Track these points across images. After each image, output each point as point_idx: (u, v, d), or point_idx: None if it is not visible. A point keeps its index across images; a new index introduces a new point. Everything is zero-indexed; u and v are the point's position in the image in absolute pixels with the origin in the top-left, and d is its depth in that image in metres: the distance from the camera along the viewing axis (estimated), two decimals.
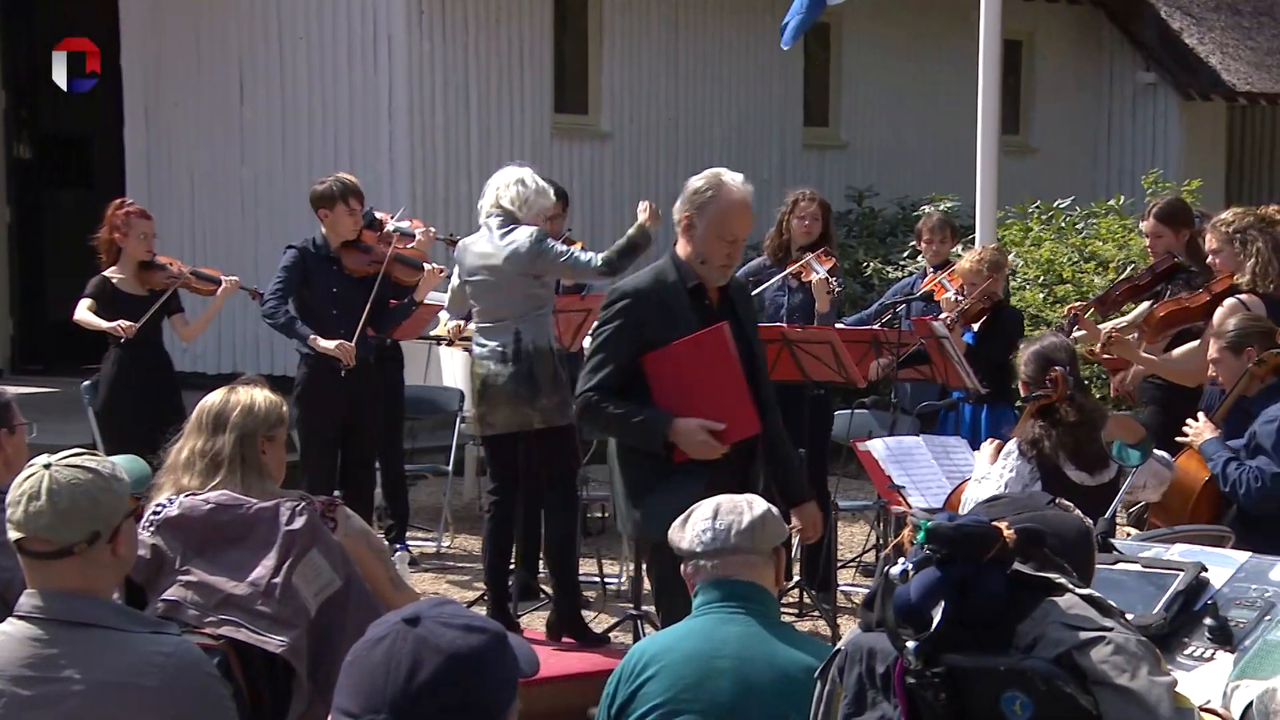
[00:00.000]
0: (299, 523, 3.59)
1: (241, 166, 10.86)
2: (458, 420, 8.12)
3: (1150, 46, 14.51)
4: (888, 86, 13.13)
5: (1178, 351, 5.94)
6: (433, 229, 7.55)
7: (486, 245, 6.15)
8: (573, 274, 6.28)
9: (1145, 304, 6.25)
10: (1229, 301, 5.59)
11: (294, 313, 6.72)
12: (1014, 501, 2.58)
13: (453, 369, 8.45)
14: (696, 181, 4.53)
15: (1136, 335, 5.99)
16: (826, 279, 6.80)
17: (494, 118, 10.93)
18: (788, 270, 6.95)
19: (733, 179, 4.52)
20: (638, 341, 4.30)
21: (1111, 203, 10.72)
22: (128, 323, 6.80)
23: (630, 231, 6.20)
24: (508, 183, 6.14)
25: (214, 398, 3.76)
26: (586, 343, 4.93)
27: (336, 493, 6.73)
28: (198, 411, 3.75)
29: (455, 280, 6.38)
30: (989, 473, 4.71)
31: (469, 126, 10.83)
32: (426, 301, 7.30)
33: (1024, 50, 14.23)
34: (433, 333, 8.06)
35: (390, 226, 7.31)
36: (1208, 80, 14.52)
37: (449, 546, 7.95)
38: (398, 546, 7.40)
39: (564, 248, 6.15)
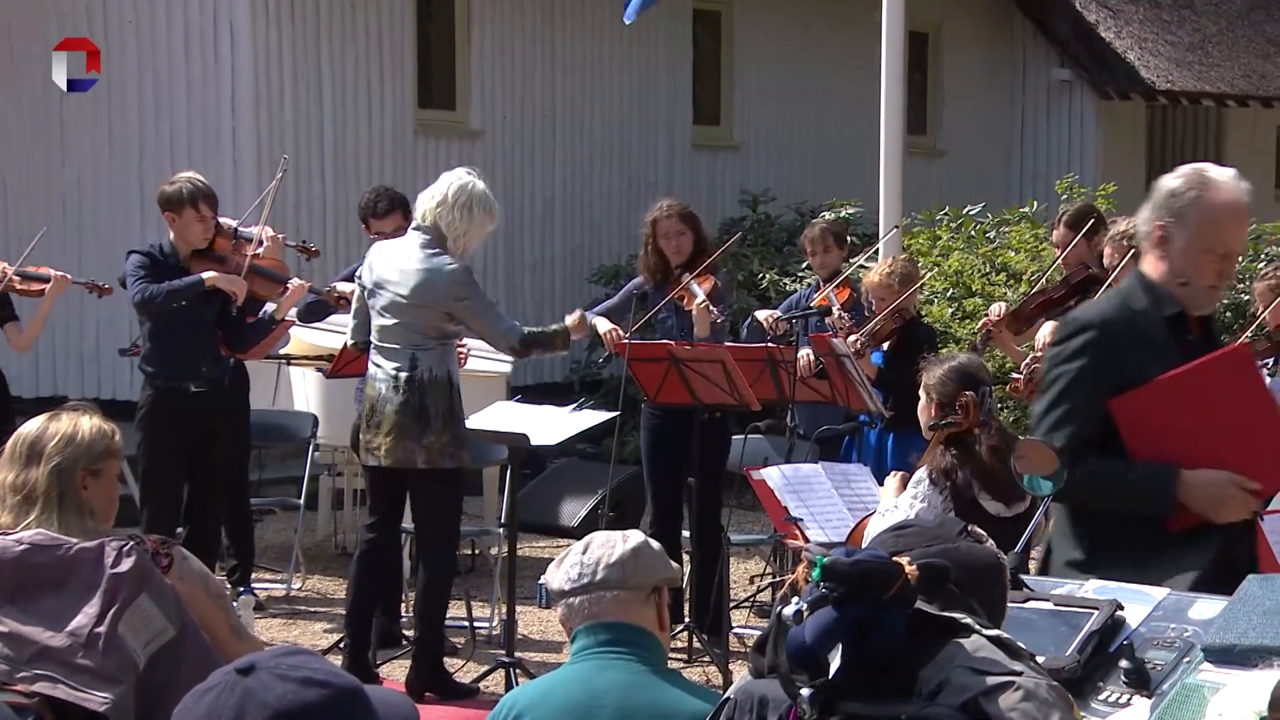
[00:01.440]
0: (126, 564, 3.52)
1: (62, 169, 10.65)
2: (310, 448, 8.03)
3: (1065, 41, 14.85)
4: (784, 81, 13.28)
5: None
6: (282, 234, 7.47)
7: (404, 259, 6.06)
8: (484, 332, 6.17)
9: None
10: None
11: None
12: (923, 531, 2.61)
13: (305, 390, 8.36)
14: (1172, 181, 3.77)
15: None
16: (707, 306, 6.83)
17: (350, 113, 10.85)
18: (669, 296, 6.98)
19: (1221, 175, 3.76)
20: (1111, 382, 3.60)
21: (1024, 209, 10.94)
22: None
23: (555, 328, 6.18)
24: (452, 204, 5.95)
25: (31, 426, 3.68)
26: None
27: (180, 530, 6.63)
28: (12, 441, 3.67)
29: (355, 295, 6.26)
30: (897, 504, 4.76)
31: (322, 122, 10.74)
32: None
33: (931, 44, 14.49)
34: (282, 351, 7.97)
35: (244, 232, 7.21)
36: (1126, 78, 14.90)
37: (300, 589, 7.85)
38: (241, 590, 7.29)
39: (488, 302, 6.09)
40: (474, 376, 8.08)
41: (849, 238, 7.91)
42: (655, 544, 3.12)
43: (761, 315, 7.45)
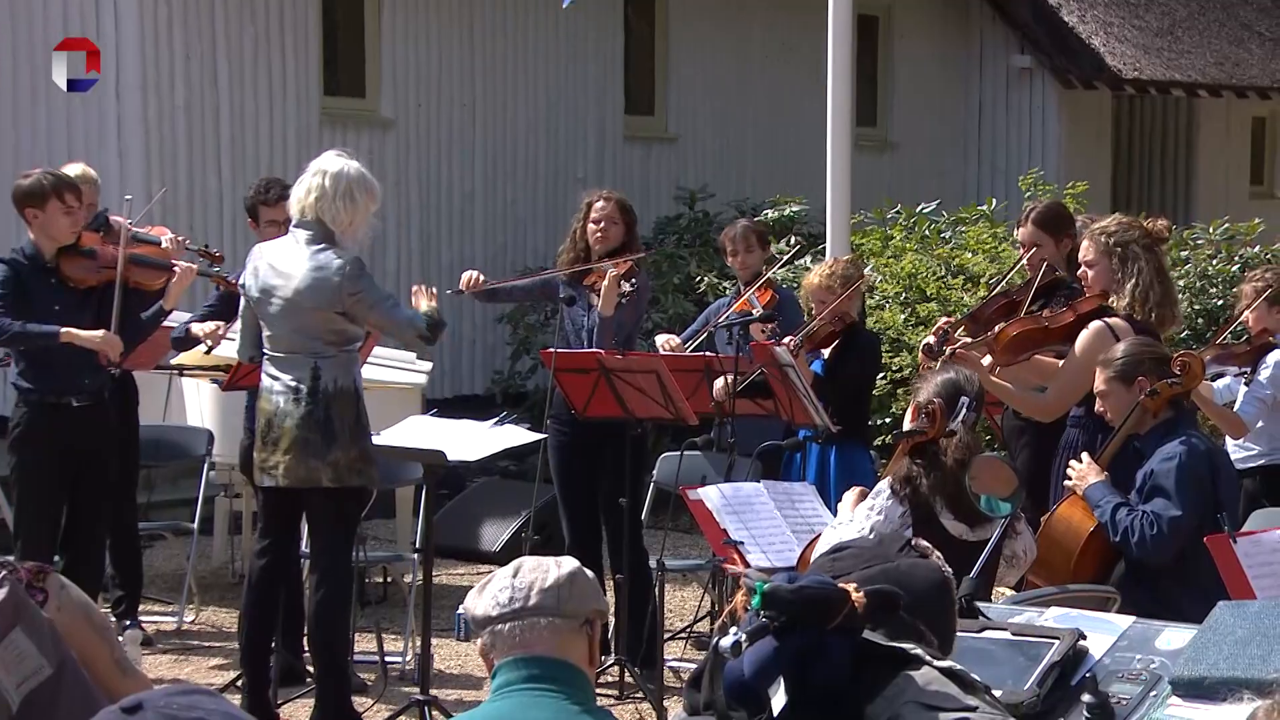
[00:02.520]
0: None
1: None
2: (205, 467, 7.97)
3: (1025, 26, 15.00)
4: (724, 69, 13.34)
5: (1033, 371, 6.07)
6: (183, 236, 7.41)
7: (288, 259, 6.03)
8: (384, 326, 6.17)
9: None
10: (1095, 326, 5.75)
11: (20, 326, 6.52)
12: (860, 552, 2.63)
13: (199, 404, 8.30)
14: None
15: (988, 357, 6.14)
16: (618, 279, 6.84)
17: (249, 99, 10.78)
18: (579, 272, 6.99)
19: None
20: None
21: (983, 207, 11.03)
22: None
23: (433, 309, 6.15)
24: (332, 195, 5.93)
25: None
26: None
27: (58, 558, 6.56)
28: None
29: (241, 307, 6.23)
30: (853, 517, 4.80)
31: (218, 110, 10.67)
32: (168, 324, 7.14)
33: (881, 28, 14.59)
34: (174, 360, 7.90)
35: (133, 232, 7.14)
36: (1090, 65, 15.06)
37: (193, 622, 7.79)
38: (127, 623, 7.23)
39: (385, 293, 6.07)
40: (386, 388, 8.06)
41: (794, 237, 7.99)
42: (590, 572, 3.12)
43: (661, 340, 7.49)
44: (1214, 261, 10.05)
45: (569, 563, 3.11)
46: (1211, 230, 10.44)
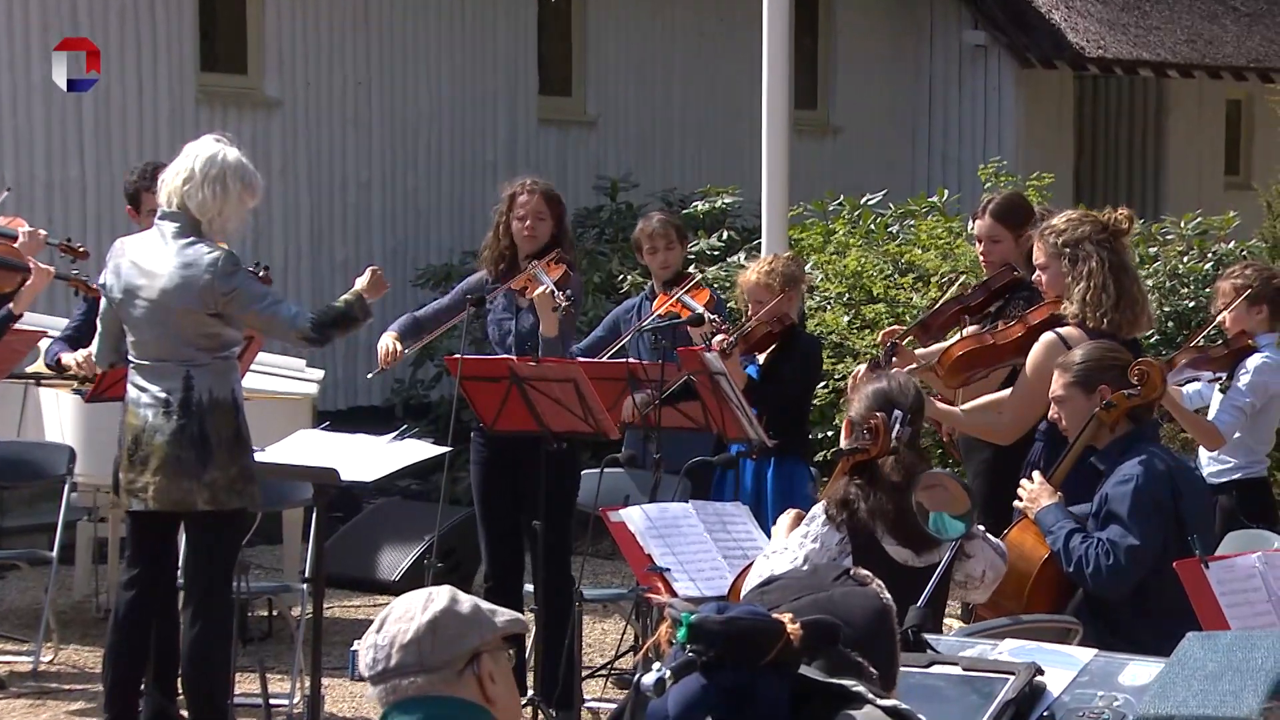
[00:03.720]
0: None
1: None
2: (66, 488, 7.90)
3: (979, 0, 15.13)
4: (650, 45, 13.36)
5: (980, 401, 6.06)
6: (43, 231, 7.34)
7: (153, 256, 5.98)
8: (265, 326, 6.14)
9: (972, 328, 6.48)
10: (1045, 339, 5.77)
11: None
12: (789, 583, 2.64)
13: (58, 417, 8.21)
14: None
15: (935, 378, 6.19)
16: (552, 292, 6.87)
17: (115, 76, 10.69)
18: (508, 285, 6.99)
19: None
20: None
21: (934, 199, 11.12)
22: None
23: (346, 297, 6.13)
24: (201, 180, 5.89)
25: None
26: None
27: None
28: None
29: (101, 309, 6.17)
30: (786, 544, 4.81)
31: None
32: (23, 327, 7.07)
33: (822, 2, 14.67)
34: (30, 369, 7.82)
35: None
36: (1050, 42, 15.20)
37: (51, 662, 7.72)
38: None
39: (262, 289, 6.02)
40: (271, 400, 8.02)
41: (728, 231, 8.01)
42: (464, 602, 3.07)
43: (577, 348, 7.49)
44: (1185, 259, 10.15)
45: (437, 602, 3.05)
46: (1183, 224, 10.54)
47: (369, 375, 7.61)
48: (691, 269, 7.61)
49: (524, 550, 7.09)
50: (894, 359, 6.12)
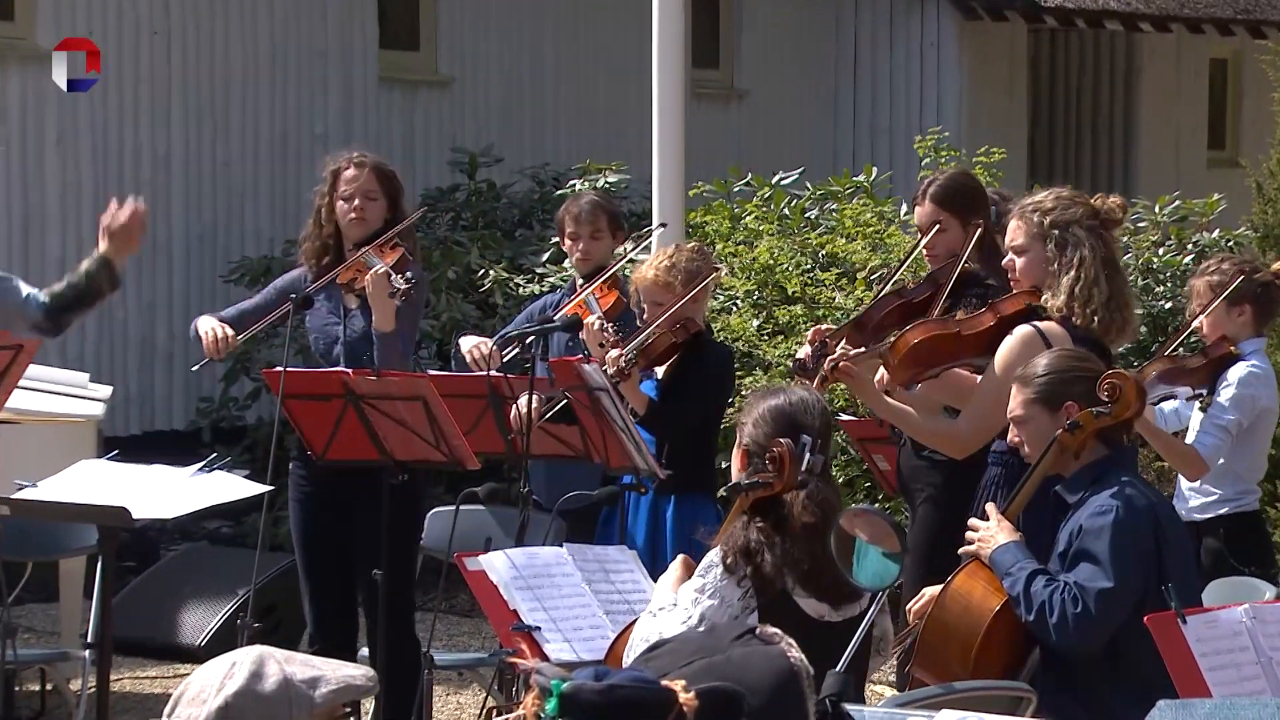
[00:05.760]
0: None
1: None
2: None
3: None
4: None
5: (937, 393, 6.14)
6: None
7: None
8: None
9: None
10: (1022, 331, 5.83)
11: None
12: (681, 645, 2.65)
13: None
14: None
15: (883, 373, 6.20)
16: (387, 274, 6.83)
17: None
18: (331, 275, 6.94)
19: None
20: None
21: (860, 177, 11.19)
22: None
23: (84, 268, 6.08)
24: None
25: None
26: None
27: None
28: None
29: None
30: (676, 600, 4.81)
31: None
32: None
33: None
34: None
35: None
36: None
37: None
38: None
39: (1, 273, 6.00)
40: (47, 422, 7.92)
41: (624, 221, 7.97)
42: (270, 677, 3.04)
43: (468, 344, 7.44)
44: (1160, 251, 10.27)
45: (236, 678, 3.02)
46: (1158, 209, 10.68)
47: (193, 368, 7.50)
48: (613, 263, 7.57)
49: (357, 607, 7.05)
50: (823, 361, 6.12)
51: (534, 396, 6.76)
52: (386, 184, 7.12)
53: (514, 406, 6.97)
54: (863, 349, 6.18)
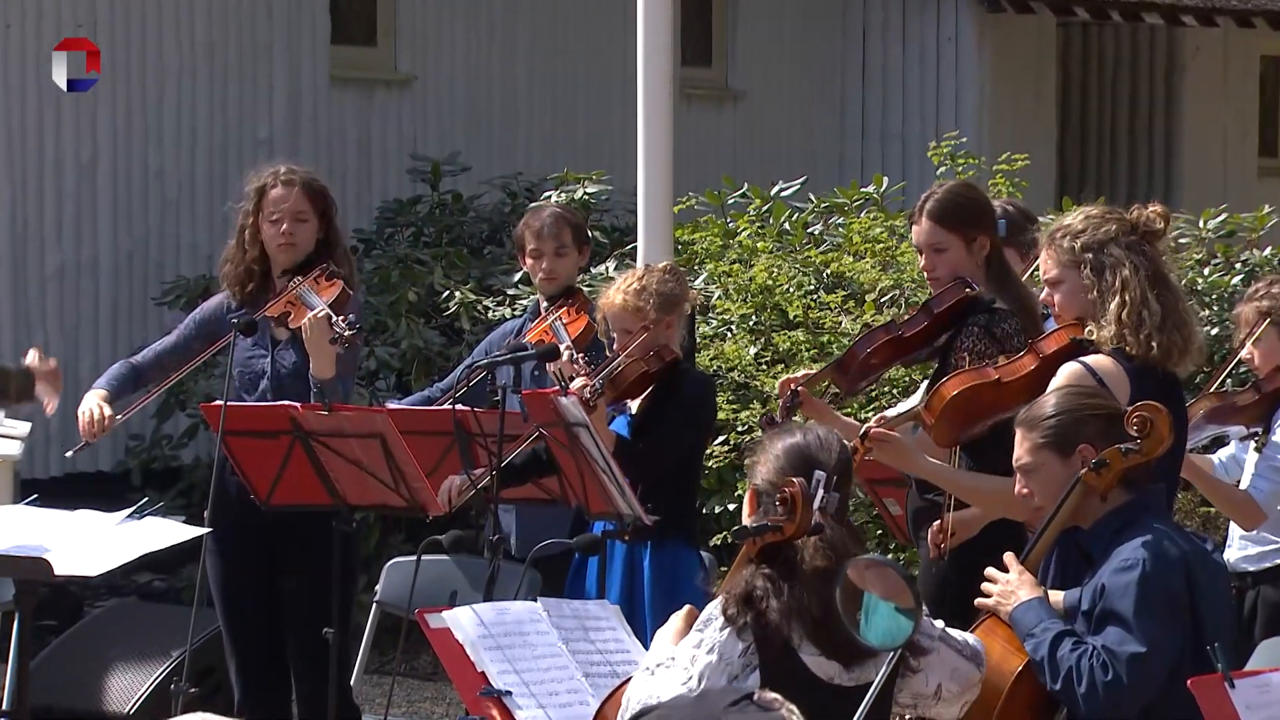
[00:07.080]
0: None
1: None
2: None
3: None
4: None
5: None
6: None
7: None
8: None
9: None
10: (1069, 369, 5.83)
11: None
12: (669, 713, 2.66)
13: None
14: None
15: (916, 428, 6.21)
16: (327, 317, 6.84)
17: None
18: (262, 311, 6.94)
19: None
20: None
21: (870, 188, 11.20)
22: None
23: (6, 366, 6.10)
24: None
25: None
26: None
27: None
28: None
29: None
30: (674, 656, 4.81)
31: None
32: None
33: None
34: None
35: None
36: None
37: None
38: None
39: None
40: None
41: (589, 234, 7.98)
42: None
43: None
44: (1206, 270, 10.28)
45: None
46: (1202, 223, 10.69)
47: (68, 454, 7.59)
48: (579, 284, 7.60)
49: (289, 672, 7.05)
50: (794, 416, 6.15)
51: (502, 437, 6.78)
52: (318, 202, 7.15)
53: (447, 482, 6.97)
54: (899, 413, 6.18)
